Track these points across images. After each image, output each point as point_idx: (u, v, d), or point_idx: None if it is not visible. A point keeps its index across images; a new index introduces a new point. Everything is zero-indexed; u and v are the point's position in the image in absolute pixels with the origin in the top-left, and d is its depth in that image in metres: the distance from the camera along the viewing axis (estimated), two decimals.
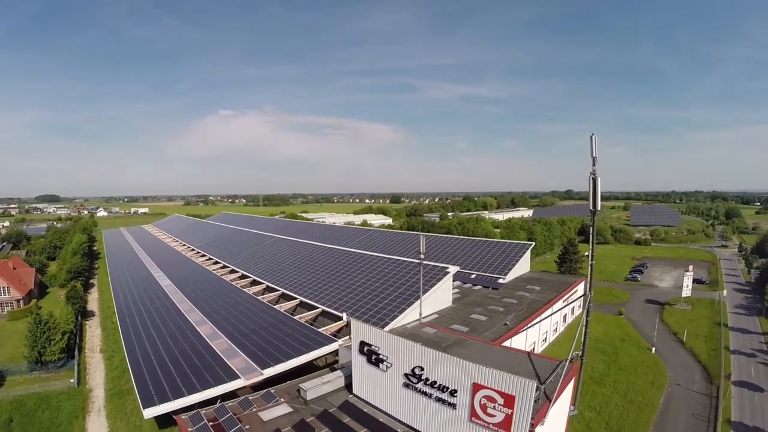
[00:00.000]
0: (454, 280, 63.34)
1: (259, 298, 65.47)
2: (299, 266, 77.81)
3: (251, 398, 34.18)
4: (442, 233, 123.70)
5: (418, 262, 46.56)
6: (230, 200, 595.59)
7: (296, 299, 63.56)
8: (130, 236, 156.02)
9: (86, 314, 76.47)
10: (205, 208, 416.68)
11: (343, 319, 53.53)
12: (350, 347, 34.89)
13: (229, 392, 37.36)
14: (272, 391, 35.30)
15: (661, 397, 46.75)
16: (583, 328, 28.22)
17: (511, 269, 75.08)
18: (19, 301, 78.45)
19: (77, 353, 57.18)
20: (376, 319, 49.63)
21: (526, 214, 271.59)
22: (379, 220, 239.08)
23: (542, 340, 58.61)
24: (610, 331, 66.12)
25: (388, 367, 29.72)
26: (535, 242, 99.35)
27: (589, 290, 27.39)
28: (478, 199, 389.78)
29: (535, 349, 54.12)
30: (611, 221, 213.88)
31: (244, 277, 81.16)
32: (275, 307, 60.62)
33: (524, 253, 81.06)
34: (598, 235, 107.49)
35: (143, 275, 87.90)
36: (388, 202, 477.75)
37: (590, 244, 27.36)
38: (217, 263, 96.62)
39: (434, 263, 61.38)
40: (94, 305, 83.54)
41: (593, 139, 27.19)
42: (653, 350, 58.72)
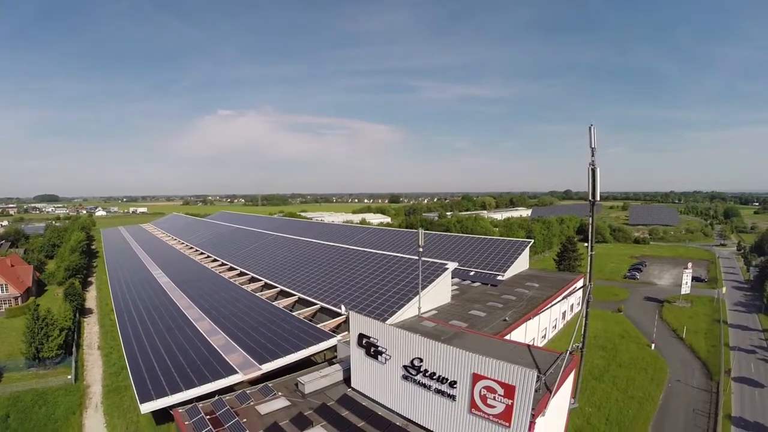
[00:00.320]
0: (452, 277, 63.18)
1: (257, 294, 65.24)
2: (298, 263, 77.60)
3: (249, 392, 33.95)
4: (440, 231, 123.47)
5: (416, 258, 46.40)
6: (229, 200, 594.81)
7: (295, 296, 63.39)
8: (128, 235, 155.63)
9: (84, 312, 76.20)
10: (203, 207, 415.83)
11: (342, 310, 53.40)
12: (349, 343, 34.70)
13: (226, 387, 37.19)
14: (270, 385, 35.05)
15: (661, 392, 46.59)
16: (583, 319, 28.06)
17: (509, 266, 74.90)
18: (17, 298, 78.15)
19: (75, 350, 56.90)
20: (374, 315, 49.37)
21: (524, 213, 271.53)
22: (377, 218, 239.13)
23: (541, 336, 58.45)
24: (609, 327, 66.01)
25: (387, 359, 29.53)
26: (534, 240, 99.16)
27: (589, 281, 27.23)
28: (476, 198, 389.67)
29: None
30: (610, 221, 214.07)
31: (242, 274, 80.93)
32: (274, 303, 60.43)
33: (523, 250, 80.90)
34: (597, 234, 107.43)
35: (141, 273, 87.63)
36: (386, 202, 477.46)
37: (590, 234, 27.23)
38: (215, 261, 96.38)
39: (433, 260, 61.27)
40: (92, 303, 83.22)
41: (592, 130, 27.10)
42: (653, 346, 58.62)
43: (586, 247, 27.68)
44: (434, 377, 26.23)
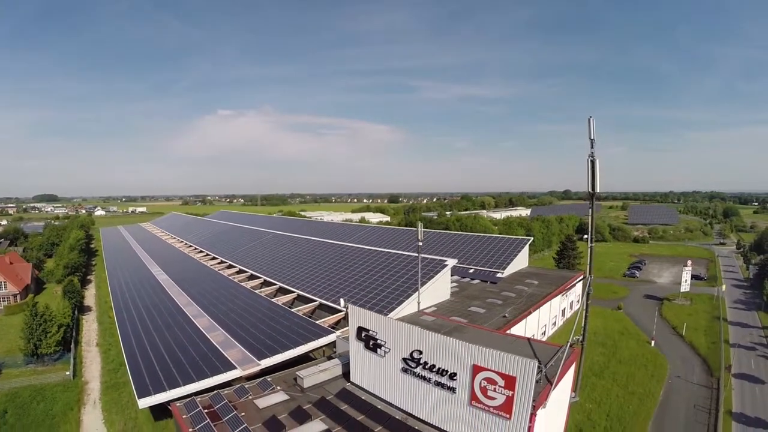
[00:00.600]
0: (452, 274, 62.94)
1: (256, 292, 65.07)
2: (297, 261, 77.42)
3: (247, 386, 33.80)
4: (440, 230, 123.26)
5: (415, 255, 46.23)
6: (228, 200, 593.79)
7: (294, 293, 63.23)
8: (127, 234, 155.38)
9: (83, 309, 75.95)
10: (203, 207, 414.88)
11: (340, 304, 53.28)
12: (348, 339, 34.52)
13: (225, 382, 36.99)
14: (268, 379, 34.91)
15: (661, 388, 46.46)
16: (583, 311, 27.91)
17: (509, 264, 74.76)
18: (15, 296, 77.90)
19: (73, 346, 56.66)
20: (374, 311, 49.12)
21: (524, 213, 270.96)
22: (377, 217, 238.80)
23: (541, 333, 58.29)
24: (608, 324, 65.87)
25: (386, 352, 29.35)
26: (533, 238, 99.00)
27: (589, 273, 27.08)
28: (476, 198, 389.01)
29: None
30: (609, 220, 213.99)
31: (241, 272, 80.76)
32: (273, 300, 60.26)
33: (522, 248, 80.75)
34: (596, 233, 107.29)
35: (140, 270, 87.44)
36: (386, 202, 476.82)
37: (590, 226, 27.10)
38: (214, 259, 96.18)
39: (432, 256, 61.10)
40: (90, 301, 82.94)
41: (591, 121, 26.95)
42: (652, 343, 58.48)
43: (586, 239, 27.49)
44: (434, 369, 26.04)
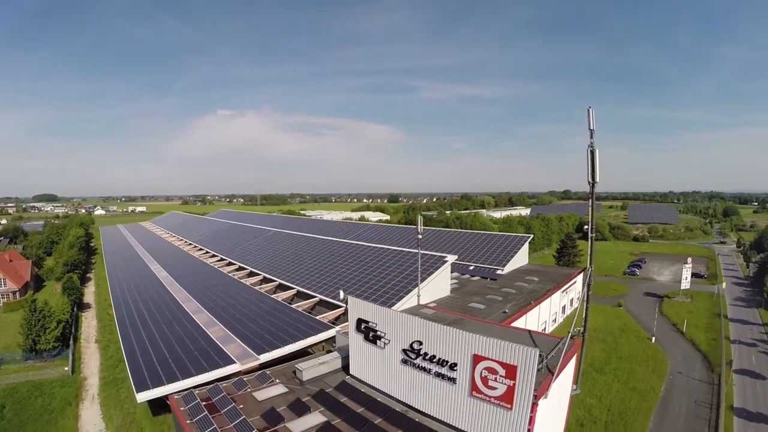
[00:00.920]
0: (451, 271, 62.75)
1: (256, 288, 64.90)
2: (296, 258, 77.27)
3: (246, 379, 33.62)
4: (439, 228, 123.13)
5: (415, 252, 46.03)
6: (228, 200, 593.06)
7: (293, 289, 63.06)
8: (127, 232, 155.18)
9: (82, 306, 75.82)
10: (202, 207, 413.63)
11: (340, 296, 53.13)
12: (347, 334, 34.34)
13: (223, 377, 36.81)
14: (267, 372, 34.73)
15: (662, 384, 46.34)
16: (584, 302, 27.75)
17: (509, 261, 74.62)
18: (15, 293, 77.82)
19: (72, 343, 56.51)
20: None
21: (524, 212, 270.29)
22: (377, 216, 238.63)
23: (541, 329, 57.96)
24: (609, 321, 65.73)
25: (386, 343, 29.17)
26: (533, 236, 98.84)
27: (589, 264, 26.91)
28: (475, 198, 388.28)
29: None
30: (609, 219, 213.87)
31: (241, 269, 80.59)
32: (272, 296, 60.10)
33: (522, 245, 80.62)
34: (596, 231, 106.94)
35: (140, 267, 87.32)
36: (386, 202, 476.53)
37: (590, 217, 26.94)
38: (214, 256, 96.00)
39: (432, 252, 60.95)
40: (90, 298, 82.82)
41: (590, 111, 26.82)
42: (653, 340, 58.36)
43: (586, 229, 27.30)
44: (434, 360, 25.86)
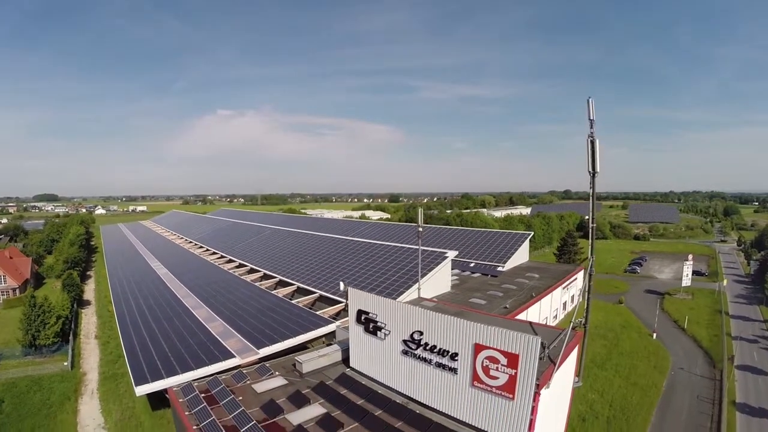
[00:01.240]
0: (452, 268, 62.65)
1: (256, 284, 64.75)
2: (297, 255, 77.12)
3: (245, 371, 33.45)
4: (440, 225, 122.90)
5: (415, 248, 45.84)
6: (228, 199, 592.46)
7: (294, 285, 62.94)
8: (127, 231, 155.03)
9: (82, 303, 75.76)
10: (203, 207, 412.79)
11: (340, 287, 53.00)
12: (347, 329, 34.17)
13: (223, 371, 36.65)
14: (267, 364, 34.56)
15: (664, 380, 46.17)
16: (586, 293, 27.57)
17: (510, 258, 74.42)
18: (15, 290, 77.73)
19: (72, 338, 56.35)
20: None
21: (524, 212, 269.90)
22: (377, 215, 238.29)
23: None
24: (610, 318, 65.55)
25: (386, 334, 28.97)
26: (533, 234, 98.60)
27: (590, 255, 26.72)
28: (476, 197, 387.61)
29: None
30: (610, 218, 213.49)
31: (241, 266, 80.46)
32: (273, 292, 59.93)
33: (523, 242, 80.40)
34: (597, 230, 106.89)
35: (140, 264, 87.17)
36: (386, 201, 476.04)
37: (590, 206, 26.77)
38: (214, 254, 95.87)
39: (433, 248, 60.77)
40: (90, 295, 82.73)
41: (590, 102, 26.74)
42: (654, 336, 58.16)
43: (587, 220, 27.14)
44: (435, 350, 25.65)
